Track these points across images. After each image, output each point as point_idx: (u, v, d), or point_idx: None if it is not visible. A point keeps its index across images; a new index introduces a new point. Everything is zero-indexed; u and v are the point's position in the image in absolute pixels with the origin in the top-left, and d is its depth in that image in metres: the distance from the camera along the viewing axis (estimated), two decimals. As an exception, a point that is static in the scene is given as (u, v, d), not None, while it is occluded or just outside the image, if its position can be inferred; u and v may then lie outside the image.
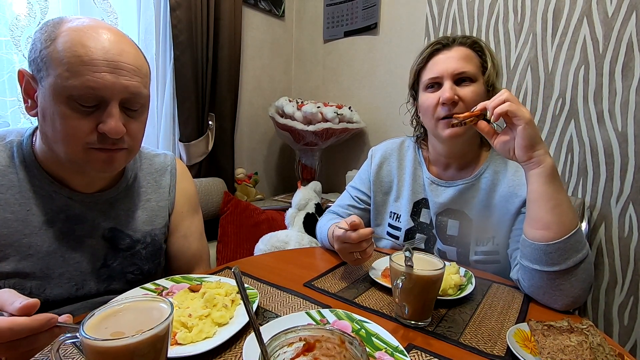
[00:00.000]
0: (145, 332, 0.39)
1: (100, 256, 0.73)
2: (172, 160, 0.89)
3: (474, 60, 0.86)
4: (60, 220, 0.69)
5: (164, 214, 0.84)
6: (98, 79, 0.59)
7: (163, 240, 0.84)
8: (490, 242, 0.88)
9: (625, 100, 1.40)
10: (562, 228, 0.68)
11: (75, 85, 0.58)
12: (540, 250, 0.70)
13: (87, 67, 0.59)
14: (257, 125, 2.28)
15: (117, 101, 0.62)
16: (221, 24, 1.80)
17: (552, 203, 0.69)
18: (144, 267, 0.79)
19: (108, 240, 0.74)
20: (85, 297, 0.71)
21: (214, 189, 1.74)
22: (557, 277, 0.68)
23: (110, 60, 0.61)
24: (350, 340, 0.39)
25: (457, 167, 0.94)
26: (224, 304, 0.61)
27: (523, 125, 0.69)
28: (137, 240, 0.78)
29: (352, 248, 0.77)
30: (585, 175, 1.51)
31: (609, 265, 1.49)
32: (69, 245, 0.69)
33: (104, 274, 0.73)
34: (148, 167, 0.85)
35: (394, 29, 2.00)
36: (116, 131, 0.62)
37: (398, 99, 2.00)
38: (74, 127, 0.61)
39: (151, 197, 0.83)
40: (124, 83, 0.62)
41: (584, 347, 0.51)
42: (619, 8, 1.37)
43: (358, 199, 1.08)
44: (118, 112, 0.63)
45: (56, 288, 0.68)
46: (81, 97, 0.59)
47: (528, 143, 0.70)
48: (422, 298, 0.61)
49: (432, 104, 0.86)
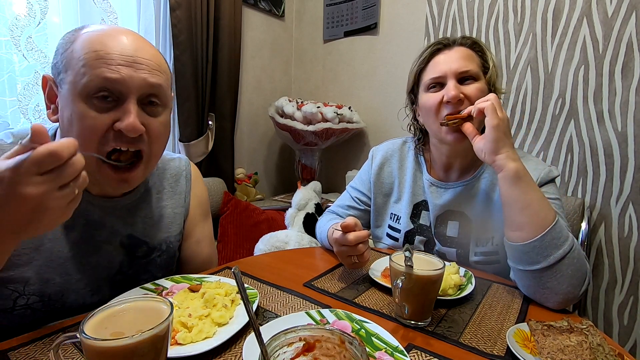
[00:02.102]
0: (145, 332, 0.39)
1: (116, 263, 0.72)
2: (187, 165, 0.88)
3: (476, 60, 0.86)
4: (80, 225, 0.67)
5: (179, 221, 0.83)
6: (114, 71, 0.58)
7: (177, 248, 0.83)
8: (489, 243, 0.88)
9: (625, 100, 1.40)
10: (535, 227, 0.69)
11: (92, 80, 0.57)
12: (518, 250, 0.71)
13: (102, 61, 0.58)
14: (257, 125, 2.28)
15: (135, 97, 0.60)
16: (221, 24, 1.80)
17: (520, 205, 0.71)
18: (157, 275, 0.77)
19: (125, 247, 0.73)
20: (100, 303, 0.70)
21: (214, 189, 1.73)
22: (541, 275, 0.69)
23: (127, 55, 0.59)
24: (350, 340, 0.39)
25: (459, 169, 0.93)
26: (224, 304, 0.61)
27: (489, 127, 0.73)
28: (153, 248, 0.77)
29: (350, 251, 0.77)
30: (585, 175, 1.51)
31: (608, 265, 1.49)
32: (88, 250, 0.68)
33: (118, 280, 0.73)
34: (163, 172, 0.83)
35: (394, 29, 2.00)
36: (134, 128, 0.59)
37: (398, 99, 2.00)
38: (90, 126, 0.58)
39: (167, 204, 0.81)
40: (142, 76, 0.60)
41: (583, 347, 0.51)
42: (619, 8, 1.37)
43: (358, 199, 1.08)
44: (136, 109, 0.60)
45: (73, 294, 0.67)
46: (97, 91, 0.58)
47: (491, 147, 0.73)
48: (422, 298, 0.61)
49: (435, 104, 0.84)
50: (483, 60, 0.87)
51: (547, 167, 0.84)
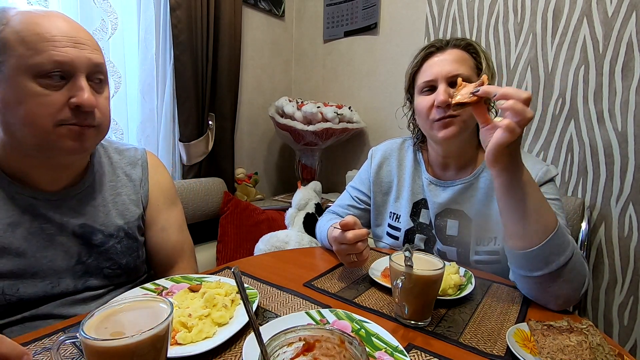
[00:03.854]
0: (145, 332, 0.39)
1: (73, 253, 0.72)
2: (143, 154, 0.89)
3: (468, 62, 0.86)
4: (26, 221, 0.67)
5: (135, 208, 0.83)
6: (63, 53, 0.61)
7: (138, 234, 0.83)
8: (491, 242, 0.88)
9: (625, 100, 1.40)
10: (535, 237, 0.66)
11: (42, 62, 0.60)
12: (520, 257, 0.69)
13: (49, 43, 0.60)
14: (257, 125, 2.28)
15: (84, 74, 0.64)
16: (221, 24, 1.80)
17: (518, 215, 0.67)
18: (121, 262, 0.78)
19: (80, 236, 0.73)
20: (63, 295, 0.70)
21: (214, 189, 1.73)
22: (543, 280, 0.68)
23: (70, 36, 0.63)
24: (350, 340, 0.39)
25: (456, 168, 0.94)
26: (224, 304, 0.61)
27: (507, 129, 0.61)
28: (109, 235, 0.77)
29: (349, 250, 0.77)
30: (585, 175, 1.51)
31: (609, 265, 1.49)
32: (39, 244, 0.68)
33: (79, 270, 0.72)
34: (117, 160, 0.84)
35: (394, 29, 2.00)
36: (89, 102, 0.63)
37: (398, 99, 1.99)
38: (44, 104, 0.61)
39: (121, 191, 0.81)
40: (88, 55, 0.64)
41: (583, 347, 0.51)
42: (619, 8, 1.37)
43: (358, 199, 1.08)
44: (87, 85, 0.64)
45: (30, 287, 0.67)
46: (49, 72, 0.60)
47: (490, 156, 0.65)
48: (422, 298, 0.61)
49: (427, 107, 0.86)
50: (477, 62, 0.86)
51: (545, 166, 0.84)
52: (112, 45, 1.48)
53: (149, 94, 1.63)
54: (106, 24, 1.45)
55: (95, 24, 1.41)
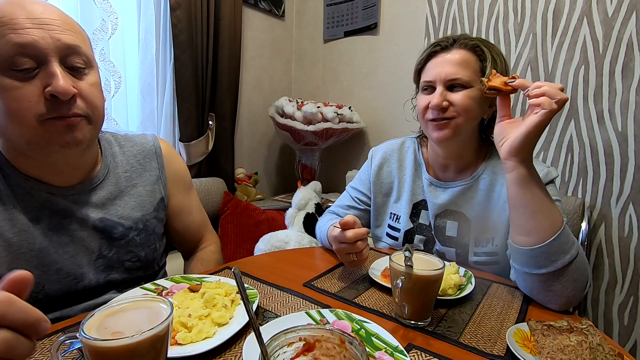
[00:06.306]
0: (145, 332, 0.39)
1: (94, 247, 0.71)
2: (155, 141, 0.86)
3: (472, 66, 0.83)
4: (45, 216, 0.66)
5: (153, 199, 0.82)
6: (24, 35, 0.55)
7: (157, 225, 0.82)
8: (489, 244, 0.88)
9: (625, 100, 1.40)
10: (543, 233, 0.67)
11: (3, 49, 0.55)
12: (525, 254, 0.70)
13: (8, 27, 0.55)
14: (257, 125, 2.28)
15: (57, 58, 0.58)
16: (221, 24, 1.80)
17: (530, 210, 0.68)
18: (141, 254, 0.77)
19: (100, 230, 0.72)
20: (86, 289, 0.70)
21: (214, 189, 1.74)
22: (547, 279, 0.68)
23: (33, 18, 0.57)
24: (350, 340, 0.39)
25: (456, 169, 0.94)
26: (224, 304, 0.61)
27: (532, 123, 0.64)
28: (129, 228, 0.76)
29: (349, 249, 0.77)
30: (585, 175, 1.51)
31: (608, 265, 1.49)
32: (61, 240, 0.67)
33: (101, 264, 0.72)
34: (129, 149, 0.82)
35: (394, 29, 2.00)
36: (64, 89, 0.57)
37: (398, 98, 2.00)
38: (18, 98, 0.56)
39: (137, 182, 0.80)
40: (55, 36, 0.58)
41: (583, 347, 0.51)
42: (619, 8, 1.37)
43: (358, 199, 1.08)
44: (61, 70, 0.58)
45: (55, 284, 0.66)
46: (14, 60, 0.55)
47: (517, 144, 0.67)
48: (422, 298, 0.61)
49: (423, 106, 0.87)
50: (483, 66, 0.84)
51: (545, 167, 0.83)
52: (112, 45, 1.48)
53: (149, 94, 1.63)
54: (106, 24, 1.45)
55: (95, 24, 1.41)
